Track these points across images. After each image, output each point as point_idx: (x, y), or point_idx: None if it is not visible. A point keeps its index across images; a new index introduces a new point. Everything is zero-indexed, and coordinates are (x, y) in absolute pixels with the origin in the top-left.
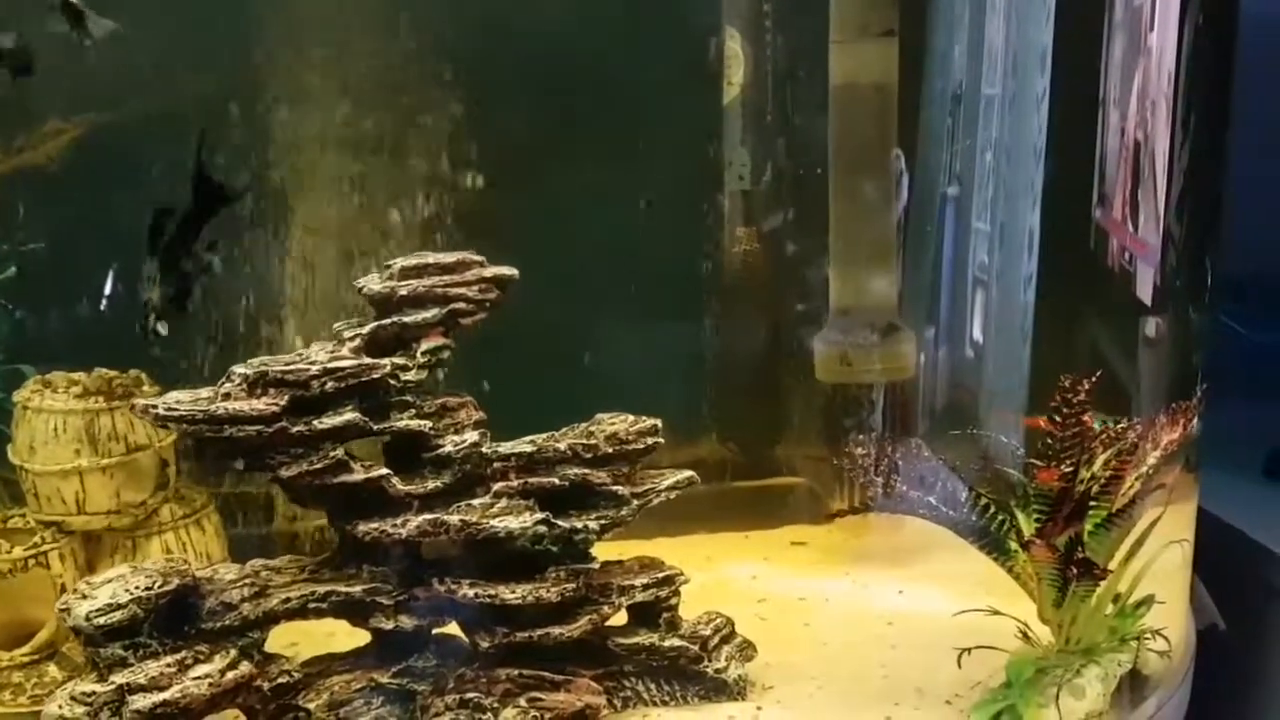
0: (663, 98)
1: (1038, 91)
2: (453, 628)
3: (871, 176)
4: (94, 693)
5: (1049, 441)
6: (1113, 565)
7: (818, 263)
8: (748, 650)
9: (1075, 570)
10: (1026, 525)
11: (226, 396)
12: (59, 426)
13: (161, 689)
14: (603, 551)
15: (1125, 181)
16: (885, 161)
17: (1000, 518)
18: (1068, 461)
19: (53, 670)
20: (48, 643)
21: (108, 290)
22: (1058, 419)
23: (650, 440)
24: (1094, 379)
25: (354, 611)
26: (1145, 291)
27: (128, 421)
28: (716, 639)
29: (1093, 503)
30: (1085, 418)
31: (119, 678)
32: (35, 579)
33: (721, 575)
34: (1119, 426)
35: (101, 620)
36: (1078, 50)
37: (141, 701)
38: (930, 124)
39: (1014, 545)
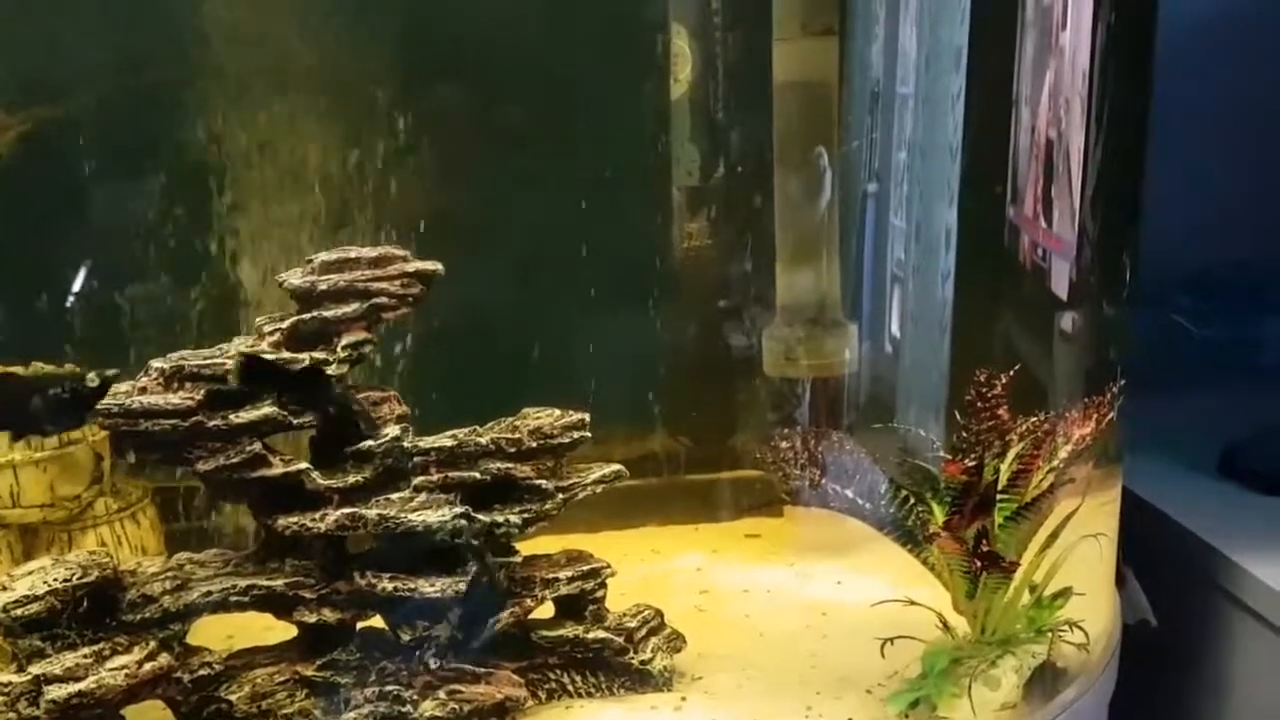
0: (610, 94)
1: (953, 90)
2: (378, 621)
3: (813, 174)
4: (10, 683)
5: (964, 435)
6: (1026, 558)
7: (766, 258)
8: (676, 641)
9: (981, 563)
10: (941, 517)
11: (143, 390)
12: None
13: (78, 679)
14: (543, 545)
15: (1038, 179)
16: (824, 156)
17: (918, 510)
18: (974, 454)
19: None
20: None
21: (76, 286)
22: (972, 413)
23: (576, 434)
24: (1009, 374)
25: (277, 605)
26: (1061, 286)
27: None
28: (644, 630)
29: (1003, 496)
30: (1000, 412)
31: (35, 668)
32: None
33: (666, 567)
34: (1032, 421)
35: (19, 611)
36: (991, 49)
37: (57, 692)
38: (853, 121)
39: (925, 539)
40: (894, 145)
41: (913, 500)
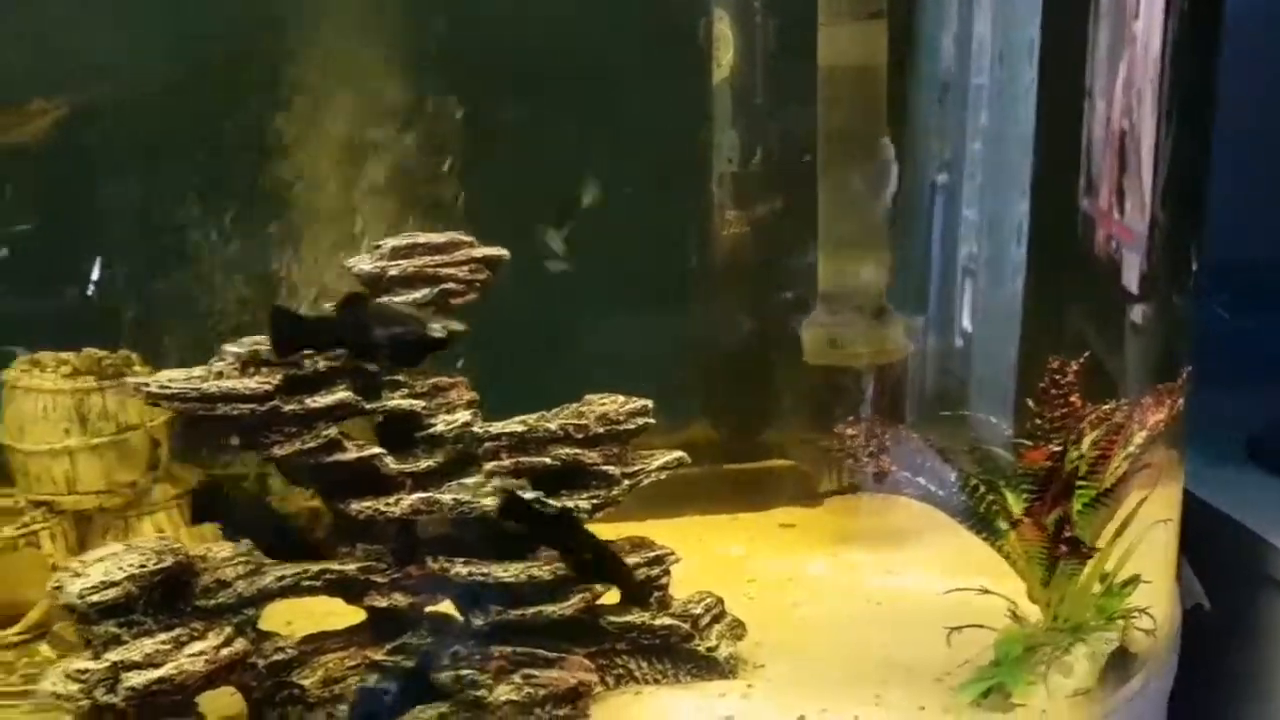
0: (651, 80)
1: (1026, 82)
2: (447, 605)
3: (859, 159)
4: (88, 670)
5: (1037, 422)
6: (1100, 544)
7: (806, 246)
8: (738, 629)
9: (1064, 548)
10: (1015, 505)
11: (220, 375)
12: (48, 406)
13: (156, 666)
14: (595, 532)
15: (1111, 170)
16: (873, 144)
17: (989, 498)
18: (1056, 441)
19: (44, 650)
20: (38, 622)
21: (95, 273)
22: (1045, 400)
23: (641, 420)
24: (1081, 360)
25: (348, 589)
26: (1132, 278)
27: (119, 400)
28: (707, 618)
29: (1081, 482)
30: (1073, 398)
31: (113, 655)
32: (25, 559)
33: (711, 556)
34: (1106, 408)
35: (95, 598)
36: (1064, 41)
37: (136, 679)
38: (920, 112)
39: (1003, 525)
40: (958, 133)
41: (984, 488)
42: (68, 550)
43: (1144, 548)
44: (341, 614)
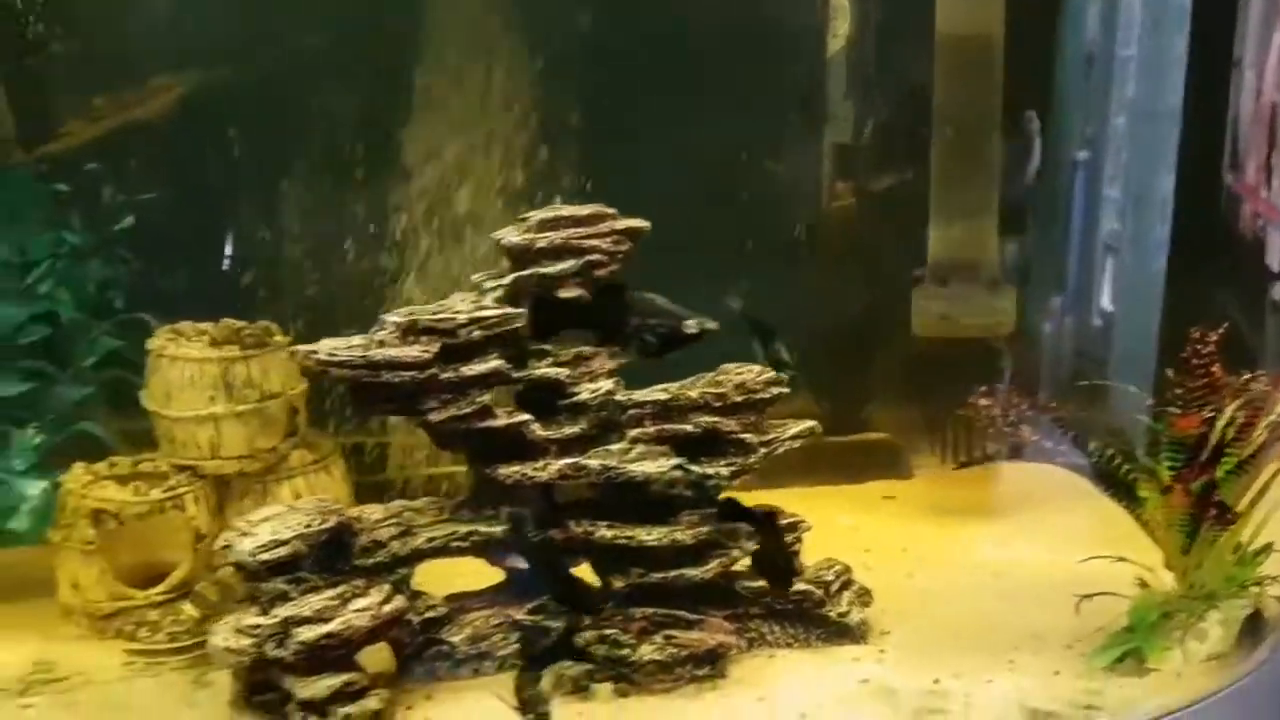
0: (768, 49)
1: (1176, 53)
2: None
3: (975, 130)
4: (259, 625)
5: (1178, 391)
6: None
7: (919, 217)
8: (865, 596)
9: (1213, 513)
10: (1163, 471)
11: (382, 344)
12: (195, 374)
13: (325, 621)
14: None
15: (1260, 146)
16: (990, 114)
17: (1127, 466)
18: (1208, 408)
19: (187, 609)
20: (182, 582)
21: (228, 247)
22: (1187, 370)
23: (776, 390)
24: (1221, 331)
25: (493, 550)
26: (1275, 257)
27: (262, 369)
28: (838, 585)
29: (1225, 450)
30: (1214, 368)
31: (283, 611)
32: (165, 522)
33: (822, 526)
34: (1245, 378)
35: (265, 556)
36: (1213, 10)
37: (307, 633)
38: (1064, 85)
39: (1144, 492)
40: (1103, 107)
41: (1123, 457)
42: (209, 514)
43: (1277, 516)
44: (469, 576)
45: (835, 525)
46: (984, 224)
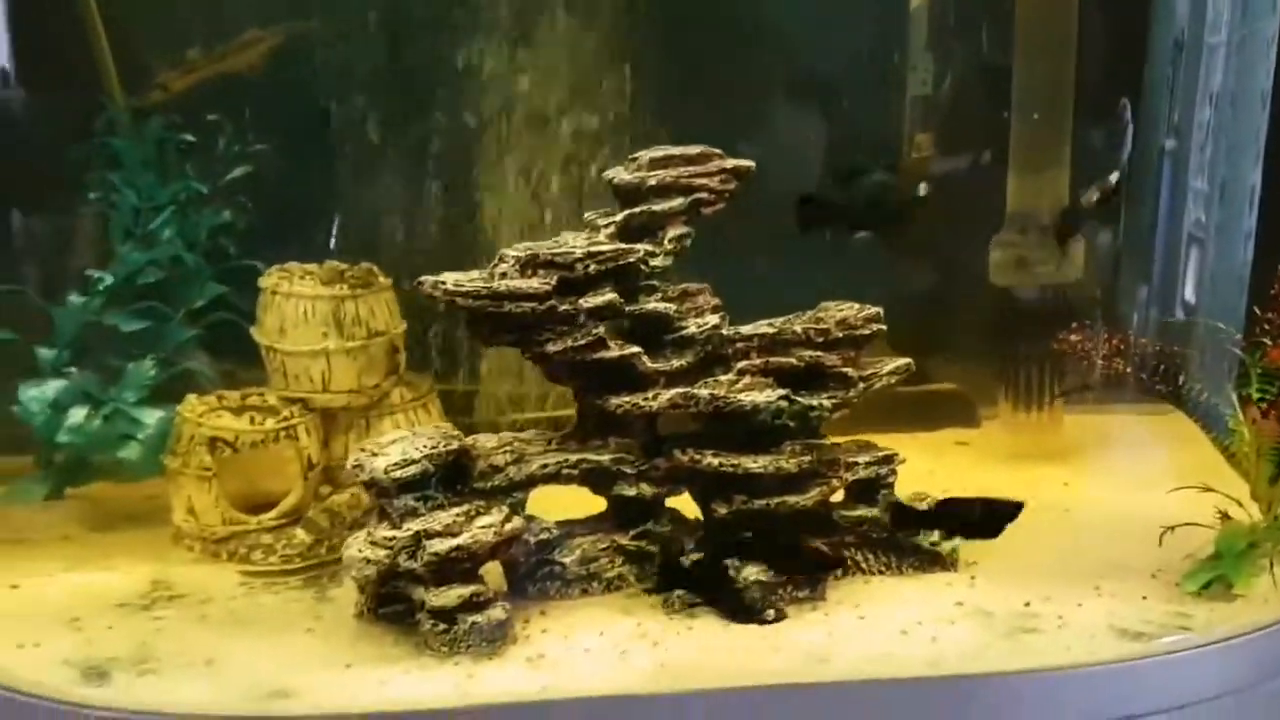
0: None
1: (1268, 37)
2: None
3: (1051, 79)
4: (393, 538)
5: (1268, 323)
6: None
7: (997, 168)
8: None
9: None
10: (1252, 402)
11: (503, 276)
12: (308, 311)
13: (454, 535)
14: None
15: None
16: (1065, 63)
17: (1214, 400)
18: None
19: (299, 534)
20: (292, 509)
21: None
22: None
23: (875, 326)
24: None
25: (599, 479)
26: None
27: (369, 308)
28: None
29: None
30: None
31: (414, 525)
32: (273, 452)
33: (903, 470)
34: None
35: (398, 474)
36: None
37: (438, 545)
38: (1153, 72)
39: (1234, 424)
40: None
41: (1208, 391)
42: (318, 443)
43: None
44: (565, 506)
45: (914, 468)
46: (1058, 171)
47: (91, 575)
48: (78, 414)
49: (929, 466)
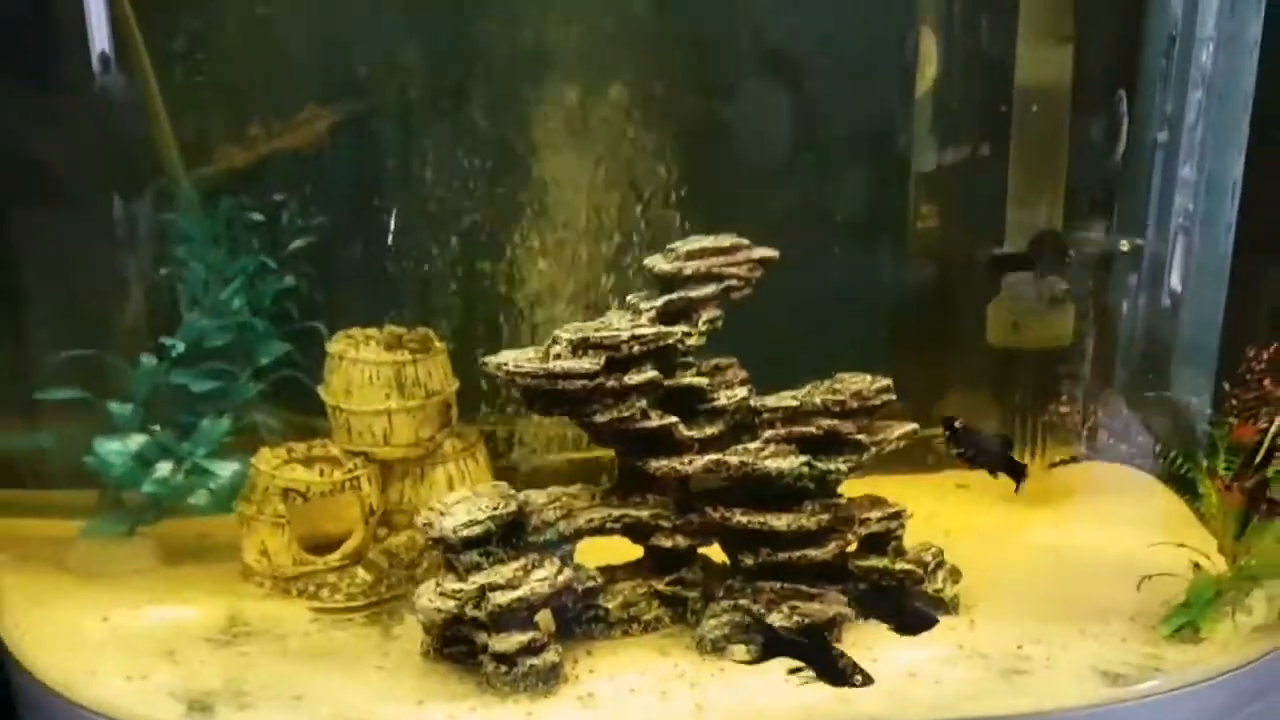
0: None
1: (1254, 34)
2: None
3: (1044, 145)
4: (461, 590)
5: (1234, 403)
6: None
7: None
8: (956, 574)
9: (1264, 507)
10: (1223, 471)
11: (557, 356)
12: (373, 375)
13: (515, 588)
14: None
15: None
16: (1058, 132)
17: (1186, 466)
18: (1265, 418)
19: (361, 573)
20: (355, 550)
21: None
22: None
23: (886, 397)
24: (1274, 349)
25: (638, 531)
26: None
27: (427, 370)
28: (934, 563)
29: (1276, 453)
30: (1265, 382)
31: (479, 578)
32: (338, 500)
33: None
34: None
35: (465, 533)
36: None
37: (501, 598)
38: (1148, 67)
39: (1204, 489)
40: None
41: (1183, 459)
42: (378, 493)
43: None
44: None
45: (919, 509)
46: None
47: (173, 609)
48: (164, 468)
49: (931, 509)
